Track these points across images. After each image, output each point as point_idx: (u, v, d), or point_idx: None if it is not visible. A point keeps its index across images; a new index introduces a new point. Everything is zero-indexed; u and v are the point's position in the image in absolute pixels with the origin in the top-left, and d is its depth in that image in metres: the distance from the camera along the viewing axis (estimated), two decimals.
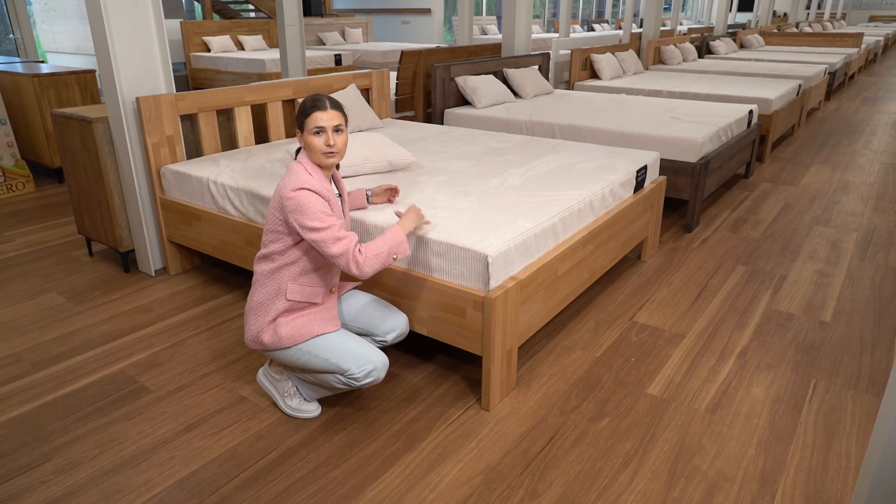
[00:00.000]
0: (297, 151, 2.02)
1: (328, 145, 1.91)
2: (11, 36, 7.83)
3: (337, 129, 1.93)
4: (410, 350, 2.57)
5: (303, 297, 2.00)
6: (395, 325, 2.15)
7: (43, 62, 6.00)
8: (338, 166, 2.14)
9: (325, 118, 1.90)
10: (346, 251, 1.88)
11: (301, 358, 1.99)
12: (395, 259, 1.98)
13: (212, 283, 3.18)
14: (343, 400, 2.24)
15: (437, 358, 2.51)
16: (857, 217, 4.18)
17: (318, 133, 1.90)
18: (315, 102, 1.92)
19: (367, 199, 2.44)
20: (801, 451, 2.00)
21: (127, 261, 3.29)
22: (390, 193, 2.46)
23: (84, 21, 9.09)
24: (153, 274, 3.26)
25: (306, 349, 1.98)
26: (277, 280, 1.99)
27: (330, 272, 2.07)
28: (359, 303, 2.19)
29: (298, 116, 1.96)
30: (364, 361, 1.95)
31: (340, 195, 2.10)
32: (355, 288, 2.30)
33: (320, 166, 1.96)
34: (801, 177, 5.14)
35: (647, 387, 2.33)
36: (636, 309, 2.93)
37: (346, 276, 2.41)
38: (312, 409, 2.16)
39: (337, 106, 1.94)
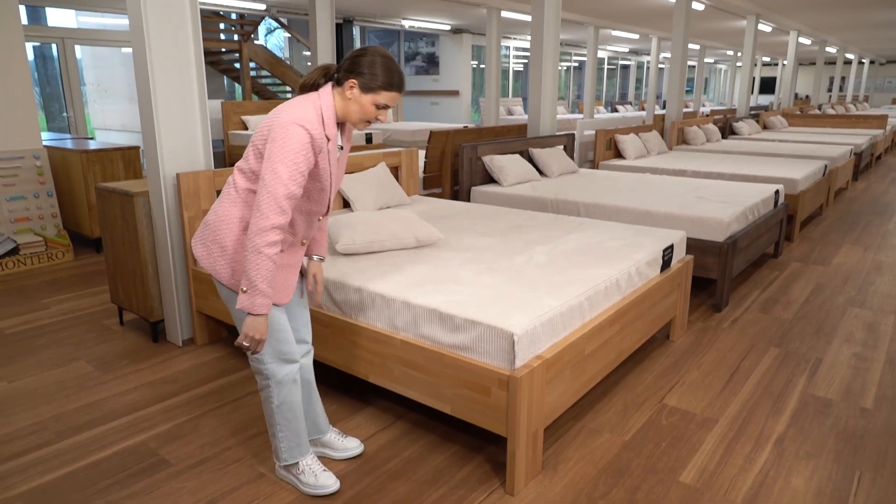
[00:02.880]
0: (303, 85, 1.86)
1: (377, 119, 1.84)
2: (65, 114, 8.33)
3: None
4: (433, 430, 2.52)
5: None
6: (310, 340, 2.21)
7: (91, 139, 6.34)
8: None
9: (395, 99, 1.84)
10: (270, 225, 1.71)
11: (236, 314, 1.92)
12: (243, 290, 1.77)
13: (237, 355, 3.20)
14: (364, 480, 2.19)
15: (461, 438, 2.46)
16: (894, 299, 4.07)
17: (379, 107, 1.82)
18: (400, 81, 1.82)
19: (313, 256, 2.18)
20: None
21: (156, 330, 3.34)
22: (313, 282, 2.17)
23: (132, 101, 9.65)
24: (181, 344, 3.29)
25: (234, 300, 1.88)
26: (248, 204, 1.85)
27: (309, 219, 1.94)
28: (296, 297, 2.13)
29: (366, 76, 1.79)
30: (288, 360, 1.99)
31: (342, 147, 1.98)
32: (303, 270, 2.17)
33: (345, 119, 1.86)
34: (832, 257, 5.07)
35: (680, 474, 2.23)
36: (666, 391, 2.85)
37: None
38: (331, 484, 2.12)
39: (404, 90, 1.88)
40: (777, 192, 4.72)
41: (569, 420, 2.59)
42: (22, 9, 8.06)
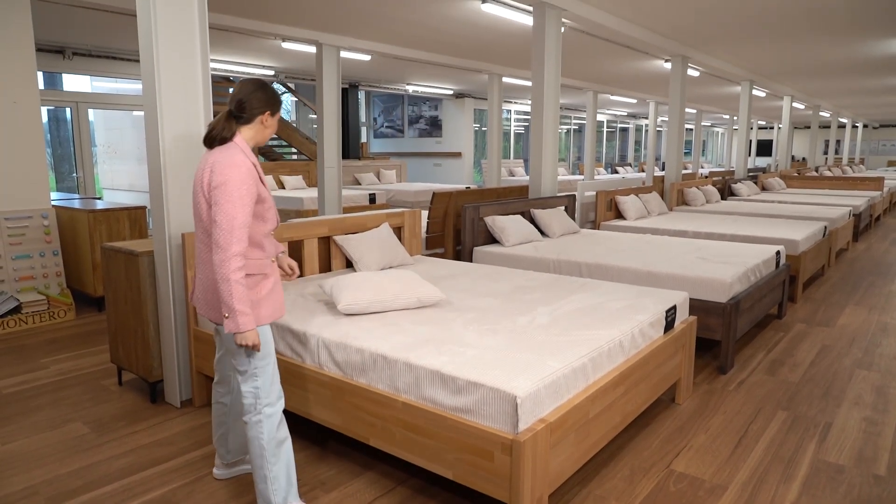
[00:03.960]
0: (219, 139, 2.12)
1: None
2: (75, 175, 8.50)
3: None
4: (435, 496, 2.44)
5: (256, 270, 2.12)
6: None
7: (99, 198, 6.44)
8: None
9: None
10: (231, 254, 1.97)
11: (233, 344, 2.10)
12: (226, 316, 2.01)
13: None
14: None
15: None
16: None
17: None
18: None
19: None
20: None
21: (154, 391, 3.30)
22: (288, 269, 2.52)
23: (140, 161, 9.85)
24: (179, 405, 3.25)
25: (263, 331, 2.13)
26: None
27: (269, 238, 2.20)
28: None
29: (276, 104, 2.19)
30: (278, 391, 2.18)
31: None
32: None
33: (259, 144, 2.22)
34: (836, 318, 5.04)
35: None
36: (673, 455, 2.78)
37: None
38: None
39: None
40: (778, 252, 4.74)
41: (574, 486, 2.52)
42: (39, 75, 8.35)
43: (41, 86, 8.49)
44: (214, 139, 2.12)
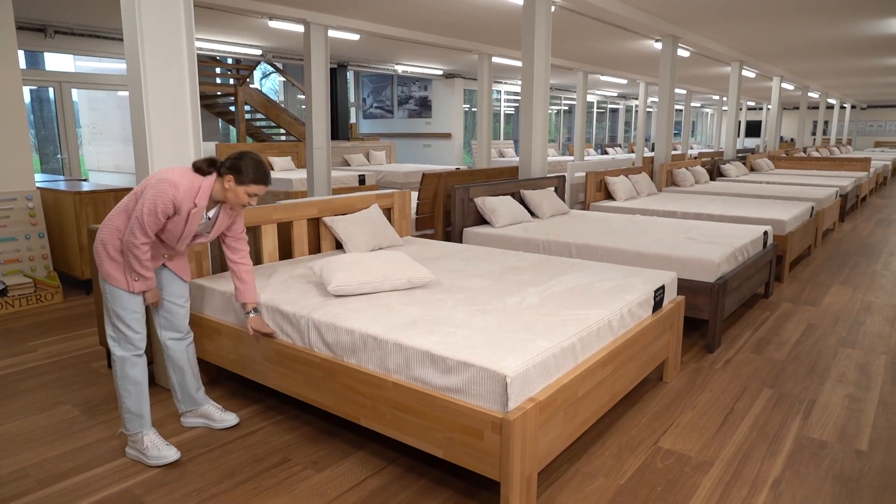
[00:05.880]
0: (196, 166, 2.47)
1: (250, 205, 2.52)
2: (59, 156, 8.38)
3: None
4: (425, 475, 2.47)
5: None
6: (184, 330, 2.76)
7: (85, 180, 6.37)
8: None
9: (263, 191, 2.51)
10: (139, 242, 2.38)
11: (105, 296, 2.50)
12: (135, 279, 2.46)
13: (227, 398, 3.15)
14: None
15: (454, 483, 2.41)
16: (885, 339, 4.08)
17: (251, 196, 2.49)
18: (264, 176, 2.48)
19: (250, 313, 2.74)
20: None
21: None
22: (258, 334, 2.78)
23: (126, 143, 9.73)
24: (168, 387, 3.24)
25: (107, 291, 2.48)
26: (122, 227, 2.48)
27: (164, 246, 2.55)
28: (180, 297, 2.73)
29: (240, 173, 2.43)
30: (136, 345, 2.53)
31: (209, 218, 2.58)
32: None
33: (224, 201, 2.53)
34: (822, 297, 5.10)
35: None
36: (660, 433, 2.82)
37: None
38: (171, 454, 2.52)
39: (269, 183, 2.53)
40: (766, 233, 4.77)
41: (563, 463, 2.55)
42: (21, 54, 8.19)
43: (23, 65, 8.33)
44: (194, 165, 2.49)
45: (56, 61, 9.09)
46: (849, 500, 2.32)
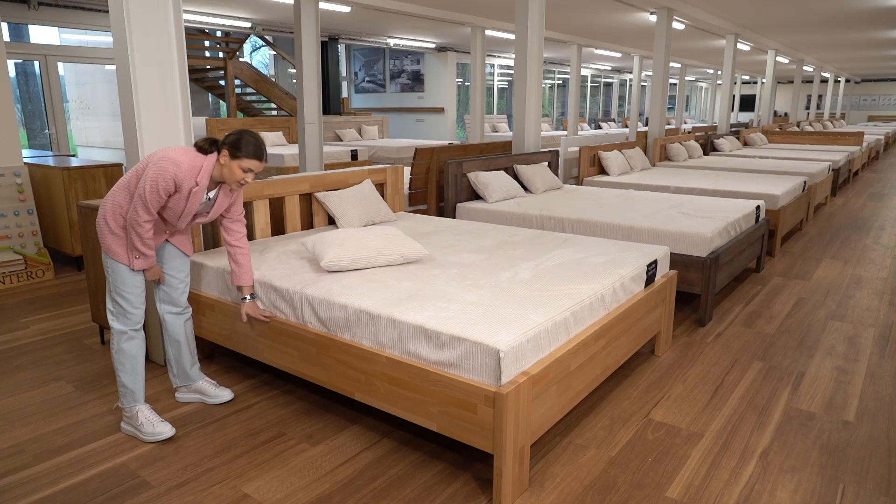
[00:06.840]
0: (198, 146, 2.47)
1: (245, 181, 2.48)
2: (47, 131, 8.26)
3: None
4: (420, 448, 2.50)
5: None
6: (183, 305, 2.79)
7: (73, 156, 6.28)
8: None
9: (258, 167, 2.47)
10: (142, 220, 2.40)
11: (106, 270, 2.53)
12: (136, 257, 2.49)
13: (221, 373, 3.16)
14: (350, 499, 2.16)
15: (448, 455, 2.44)
16: (873, 312, 4.13)
17: (245, 171, 2.46)
18: (259, 152, 2.45)
19: (246, 298, 2.73)
20: None
21: None
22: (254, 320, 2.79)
23: (115, 118, 9.60)
24: (163, 363, 3.25)
25: (108, 265, 2.51)
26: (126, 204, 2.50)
27: (163, 223, 2.59)
28: (181, 272, 2.75)
29: (235, 148, 2.42)
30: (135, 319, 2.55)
31: (210, 198, 2.59)
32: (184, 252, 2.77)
33: (222, 180, 2.50)
34: (812, 271, 5.14)
35: (666, 489, 2.23)
36: (651, 406, 2.86)
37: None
38: (166, 431, 2.54)
39: (266, 160, 2.50)
40: (758, 207, 4.78)
41: (555, 436, 2.59)
42: (4, 26, 8.02)
43: (6, 38, 8.16)
44: (196, 145, 2.49)
45: (41, 34, 8.90)
46: (835, 470, 2.36)
